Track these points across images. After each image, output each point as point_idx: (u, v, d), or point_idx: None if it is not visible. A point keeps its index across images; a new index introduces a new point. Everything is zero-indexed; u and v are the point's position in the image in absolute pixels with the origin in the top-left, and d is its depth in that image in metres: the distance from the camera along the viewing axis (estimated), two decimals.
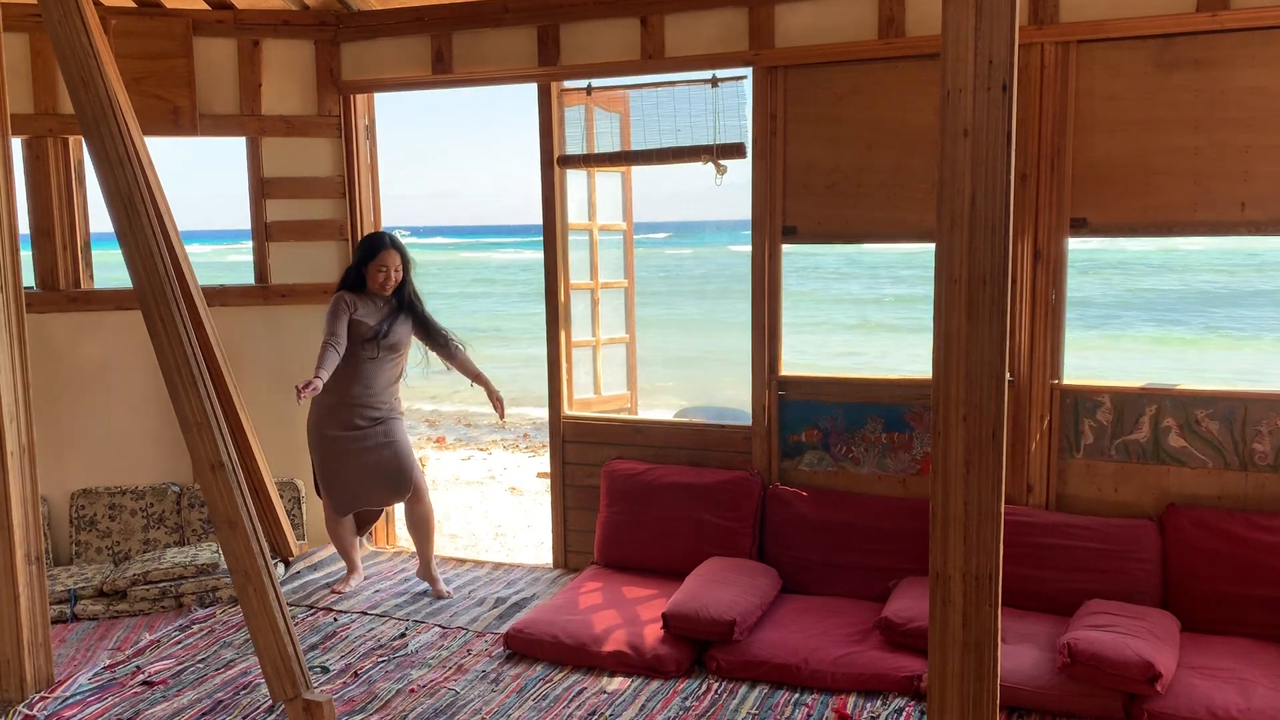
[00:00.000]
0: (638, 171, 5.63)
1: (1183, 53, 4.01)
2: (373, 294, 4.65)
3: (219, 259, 30.29)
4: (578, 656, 3.98)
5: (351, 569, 4.94)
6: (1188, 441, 4.13)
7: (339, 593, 4.79)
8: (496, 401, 4.83)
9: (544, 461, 8.28)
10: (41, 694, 3.78)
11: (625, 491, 4.83)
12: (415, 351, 4.85)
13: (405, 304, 4.71)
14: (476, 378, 4.86)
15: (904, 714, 3.53)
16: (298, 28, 5.19)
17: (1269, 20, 3.85)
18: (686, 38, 4.65)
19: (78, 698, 3.76)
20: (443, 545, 5.91)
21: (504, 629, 4.30)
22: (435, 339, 4.80)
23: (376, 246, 4.63)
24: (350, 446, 4.63)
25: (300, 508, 5.37)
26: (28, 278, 4.07)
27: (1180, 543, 4.00)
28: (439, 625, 4.43)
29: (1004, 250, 2.42)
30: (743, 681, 3.82)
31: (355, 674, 3.96)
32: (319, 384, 4.33)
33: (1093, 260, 29.09)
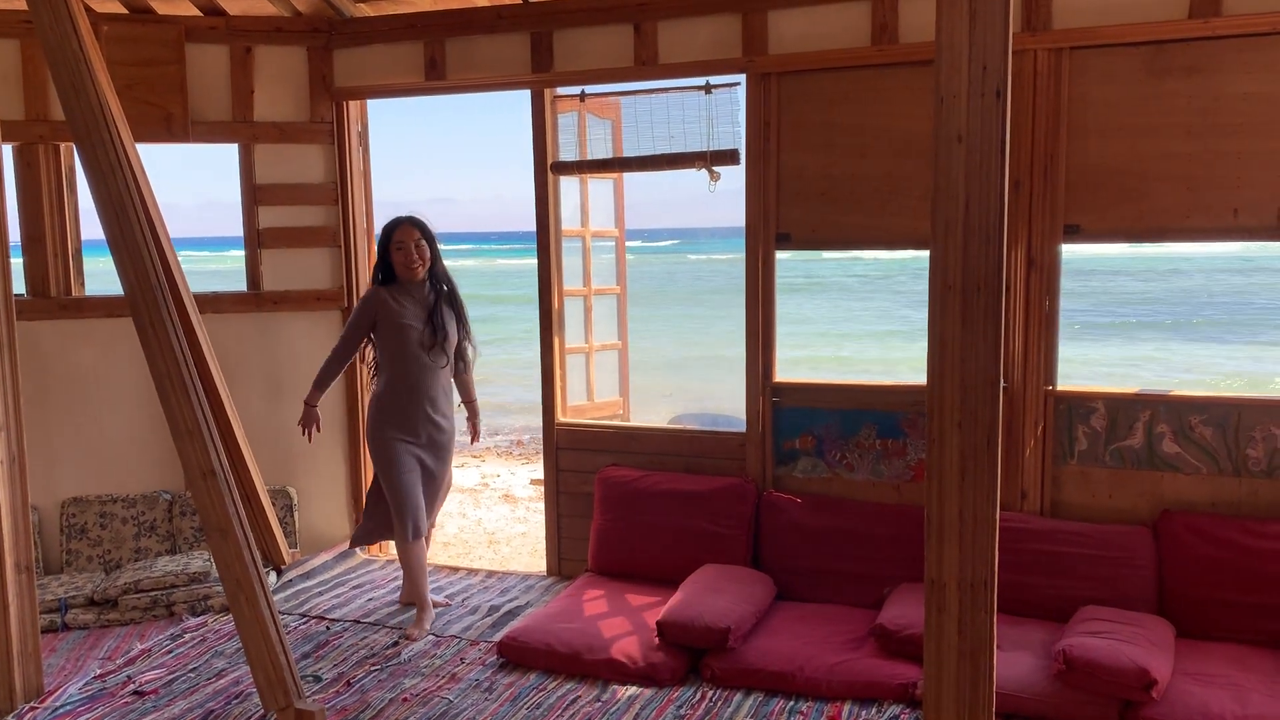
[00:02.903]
0: (632, 179, 5.63)
1: (1175, 59, 4.02)
2: (410, 285, 4.38)
3: (211, 266, 30.22)
4: (572, 665, 3.97)
5: (423, 608, 4.50)
6: (1181, 447, 4.13)
7: (411, 638, 4.33)
8: (475, 428, 4.78)
9: (537, 469, 8.27)
10: (31, 704, 3.75)
11: (619, 498, 4.82)
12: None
13: (444, 293, 4.45)
14: (470, 403, 4.73)
15: None
16: (290, 34, 5.18)
17: (1261, 27, 3.86)
18: (680, 44, 4.65)
19: (68, 708, 3.73)
20: (435, 553, 5.88)
21: (497, 637, 4.28)
22: (459, 349, 4.55)
23: (391, 225, 4.37)
24: (421, 456, 4.41)
25: (292, 515, 5.34)
26: (18, 285, 4.05)
27: (1175, 549, 4.00)
28: (432, 633, 4.41)
29: (998, 256, 2.42)
30: (738, 689, 3.81)
31: (348, 683, 3.94)
32: (315, 414, 4.33)
33: (1086, 265, 29.18)
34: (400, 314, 4.33)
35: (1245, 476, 4.06)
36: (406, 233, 4.34)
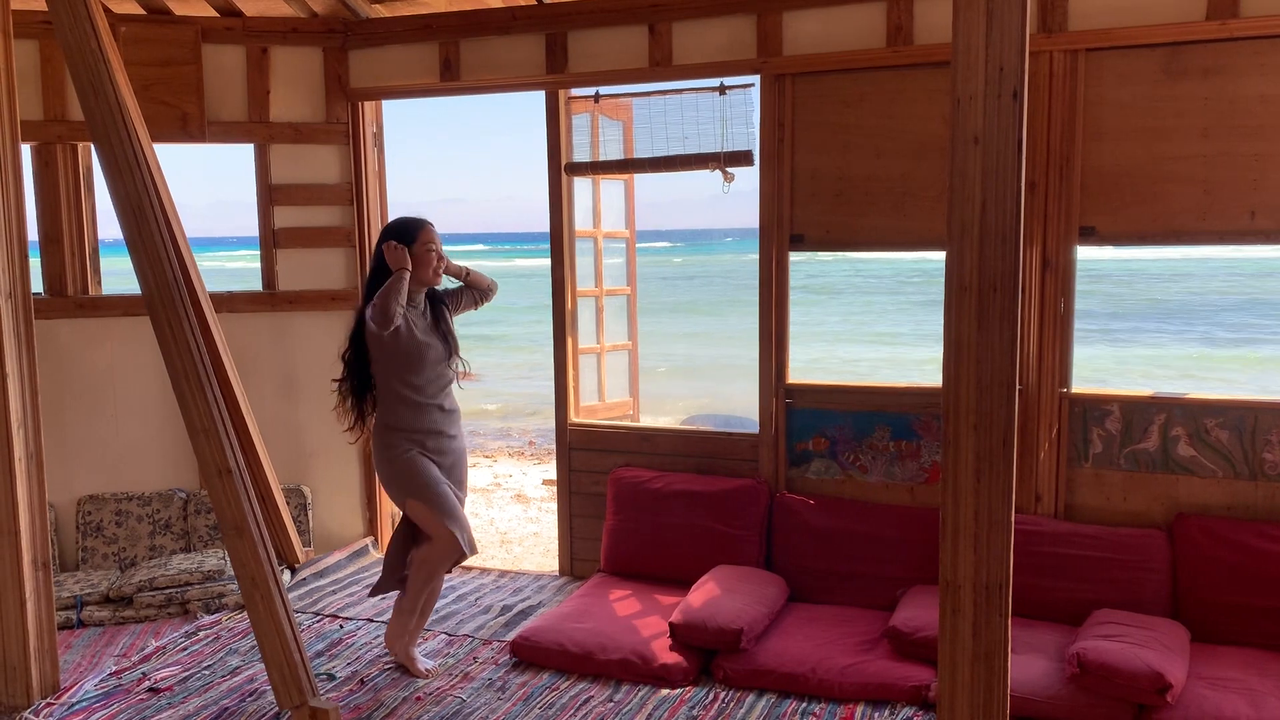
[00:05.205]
0: (646, 179, 5.65)
1: (1192, 61, 4.00)
2: (413, 296, 3.92)
3: (226, 264, 30.35)
4: (584, 665, 3.97)
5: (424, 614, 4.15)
6: (1197, 451, 4.11)
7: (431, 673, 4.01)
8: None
9: (549, 469, 8.28)
10: (47, 700, 3.78)
11: (632, 499, 4.82)
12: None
13: (438, 297, 4.06)
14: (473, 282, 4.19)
15: None
16: (306, 35, 5.20)
17: (1278, 29, 3.84)
18: (694, 45, 4.65)
19: (84, 704, 3.75)
20: None
21: (510, 636, 4.29)
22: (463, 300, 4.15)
23: (416, 225, 3.90)
24: (446, 475, 3.97)
25: (306, 514, 5.36)
26: (36, 284, 4.08)
27: (1190, 552, 3.98)
28: (445, 633, 4.43)
29: (1014, 258, 2.41)
30: (750, 690, 3.81)
31: (361, 681, 3.95)
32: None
33: (1101, 268, 29.06)
34: (415, 333, 3.88)
35: (1261, 480, 4.03)
36: (434, 234, 3.91)
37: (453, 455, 4.01)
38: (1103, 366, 15.91)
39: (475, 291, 4.18)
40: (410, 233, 3.89)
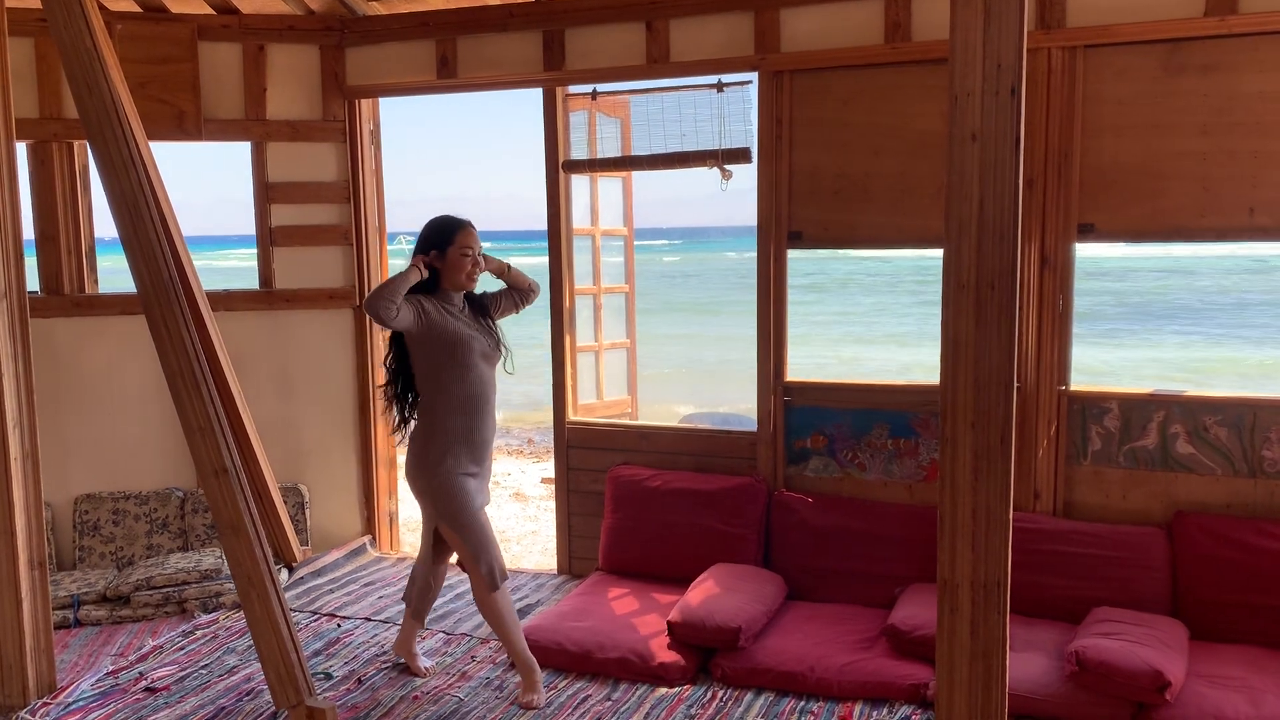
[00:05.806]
0: (643, 177, 5.64)
1: (1191, 57, 3.99)
2: (449, 295, 3.79)
3: (217, 264, 30.32)
4: (582, 663, 3.96)
5: (529, 668, 3.82)
6: (1196, 448, 4.10)
7: (534, 706, 3.70)
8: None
9: (548, 467, 8.27)
10: (44, 700, 3.77)
11: (630, 497, 4.81)
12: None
13: (476, 299, 3.92)
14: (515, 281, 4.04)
15: None
16: (303, 32, 5.19)
17: (1278, 25, 3.83)
18: (692, 42, 4.64)
19: (80, 704, 3.74)
20: None
21: None
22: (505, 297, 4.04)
23: (454, 226, 3.73)
24: (480, 487, 3.83)
25: (304, 513, 5.35)
26: (32, 282, 4.07)
27: (1189, 550, 3.98)
28: (443, 631, 4.42)
29: (1012, 255, 2.41)
30: (748, 689, 3.80)
31: (359, 681, 3.95)
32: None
33: (1099, 266, 29.04)
34: (454, 325, 3.71)
35: (1261, 478, 4.03)
36: (473, 237, 3.75)
37: (487, 464, 3.85)
38: (1101, 369, 15.90)
39: (516, 293, 4.01)
40: (446, 234, 3.72)
